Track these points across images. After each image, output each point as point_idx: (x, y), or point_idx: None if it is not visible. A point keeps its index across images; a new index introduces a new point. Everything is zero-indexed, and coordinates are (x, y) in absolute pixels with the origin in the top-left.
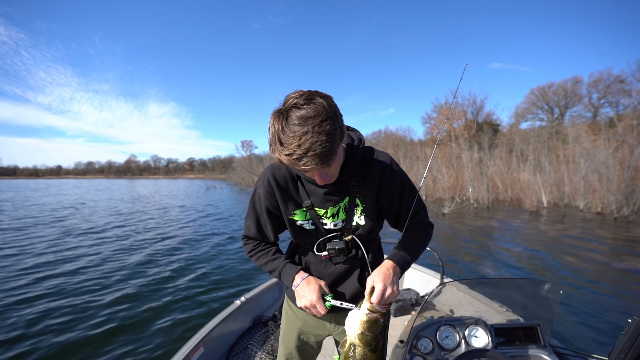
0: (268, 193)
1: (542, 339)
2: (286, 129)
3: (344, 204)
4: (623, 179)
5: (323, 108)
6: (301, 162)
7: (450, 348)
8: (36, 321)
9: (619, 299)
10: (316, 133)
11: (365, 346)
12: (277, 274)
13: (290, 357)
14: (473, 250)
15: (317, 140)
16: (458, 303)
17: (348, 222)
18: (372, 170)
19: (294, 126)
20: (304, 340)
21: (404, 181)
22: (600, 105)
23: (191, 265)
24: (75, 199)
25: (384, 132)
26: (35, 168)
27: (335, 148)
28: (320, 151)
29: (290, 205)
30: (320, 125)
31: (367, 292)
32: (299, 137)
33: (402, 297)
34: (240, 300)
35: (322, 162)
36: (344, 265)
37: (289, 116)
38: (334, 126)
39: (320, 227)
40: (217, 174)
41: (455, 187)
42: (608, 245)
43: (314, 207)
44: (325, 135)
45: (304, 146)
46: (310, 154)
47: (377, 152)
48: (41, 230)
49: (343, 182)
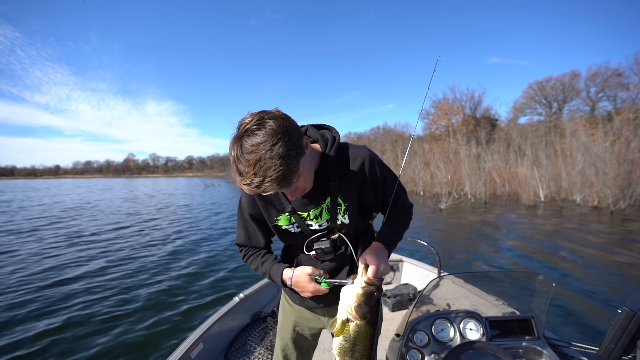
0: (250, 202)
1: (535, 331)
2: (241, 158)
3: (326, 204)
4: (619, 173)
5: (273, 130)
6: (261, 189)
7: (445, 341)
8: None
9: (612, 291)
10: (269, 159)
11: (361, 319)
12: (268, 275)
13: (286, 348)
14: (469, 245)
15: (272, 166)
16: (454, 297)
17: (333, 222)
18: (350, 169)
19: (247, 154)
20: (299, 332)
21: (384, 174)
22: (598, 99)
23: (190, 261)
24: (78, 199)
25: (383, 128)
26: (33, 168)
27: (293, 168)
28: (277, 175)
29: (273, 212)
30: (271, 150)
31: (361, 268)
32: (253, 165)
33: (400, 292)
34: (239, 296)
35: (281, 185)
36: (333, 263)
37: (242, 144)
38: (288, 146)
39: (306, 229)
40: (216, 171)
41: (453, 182)
42: (603, 238)
43: (296, 212)
44: (279, 159)
45: (259, 174)
46: (267, 181)
47: (352, 149)
48: (55, 231)
49: (322, 184)
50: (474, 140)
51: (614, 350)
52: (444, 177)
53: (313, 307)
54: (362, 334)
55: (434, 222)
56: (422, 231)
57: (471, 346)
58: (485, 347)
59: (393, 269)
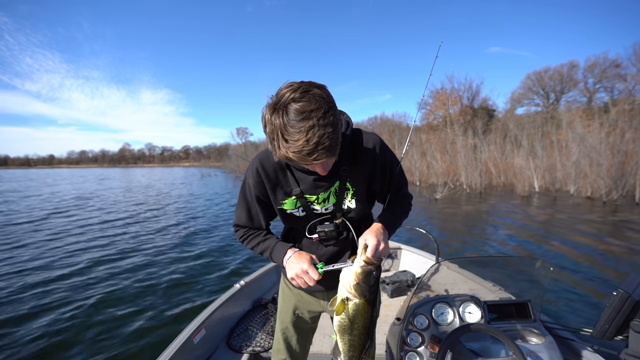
0: (257, 183)
1: (532, 314)
2: (288, 124)
3: (335, 188)
4: (613, 164)
5: (322, 99)
6: (311, 157)
7: (445, 324)
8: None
9: (603, 278)
10: (322, 126)
11: (360, 297)
12: (269, 252)
13: (286, 331)
14: (465, 234)
15: (325, 133)
16: (452, 282)
17: (338, 206)
18: (362, 154)
19: (298, 121)
20: (298, 315)
21: (392, 161)
22: (595, 90)
23: (192, 249)
24: (75, 190)
25: (380, 118)
26: (27, 158)
27: (339, 138)
28: (329, 144)
29: (280, 195)
30: (324, 117)
31: (361, 248)
32: (306, 132)
33: (399, 279)
34: (240, 283)
35: (331, 154)
36: (335, 247)
37: (288, 111)
38: (336, 116)
39: (311, 213)
40: (212, 161)
41: (449, 172)
42: (595, 227)
43: (304, 195)
44: (332, 127)
45: (312, 141)
46: (320, 148)
47: (365, 135)
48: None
49: (333, 167)
50: (470, 131)
51: (607, 331)
52: (440, 168)
53: (312, 290)
54: (361, 312)
55: (430, 211)
56: (418, 220)
57: (470, 328)
58: (484, 329)
59: (391, 257)
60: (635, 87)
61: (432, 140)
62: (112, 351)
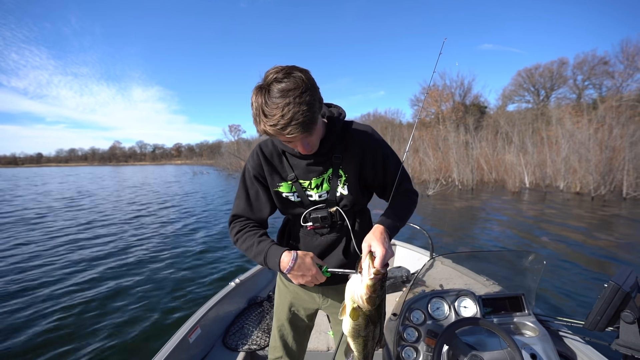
0: (257, 164)
1: (526, 307)
2: (269, 101)
3: (328, 175)
4: (601, 160)
5: (302, 80)
6: (285, 132)
7: (440, 318)
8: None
9: (591, 272)
10: (297, 103)
11: (372, 306)
12: (263, 257)
13: (282, 328)
14: (457, 230)
15: (299, 110)
16: (447, 277)
17: (332, 193)
18: (353, 140)
19: (276, 99)
20: (294, 312)
21: (386, 150)
22: (584, 87)
23: (185, 248)
24: (69, 189)
25: (373, 115)
26: (14, 156)
27: (316, 117)
28: (302, 120)
29: (276, 178)
30: (300, 96)
31: (367, 257)
32: (282, 108)
33: (394, 275)
34: (235, 282)
35: (304, 130)
36: (330, 237)
37: (270, 90)
38: (313, 97)
39: (305, 199)
40: (205, 159)
41: (441, 169)
42: (584, 222)
43: (298, 180)
44: (306, 105)
45: (287, 116)
46: (294, 123)
47: (357, 124)
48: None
49: (325, 153)
50: (462, 128)
51: (599, 322)
52: (432, 164)
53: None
54: (373, 317)
55: (422, 208)
56: (412, 216)
57: (466, 322)
58: (480, 323)
59: None
60: (623, 84)
61: (424, 137)
62: (106, 352)
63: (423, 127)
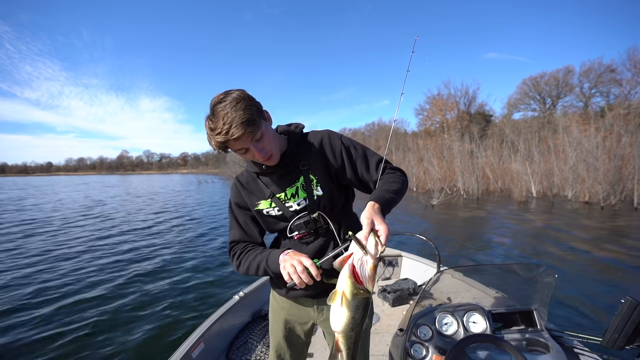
0: (236, 194)
1: (538, 322)
2: (213, 119)
3: (300, 183)
4: (610, 168)
5: (238, 95)
6: (230, 134)
7: (449, 334)
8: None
9: (605, 284)
10: (234, 110)
11: (372, 288)
12: (265, 261)
13: (279, 348)
14: (462, 241)
15: (237, 115)
16: (455, 290)
17: (310, 198)
18: (313, 145)
19: (218, 113)
20: (290, 329)
21: (345, 140)
22: (591, 94)
23: (189, 260)
24: (84, 199)
25: (377, 124)
26: (24, 165)
27: (255, 118)
28: (241, 120)
29: (254, 199)
30: (236, 106)
31: (371, 235)
32: (222, 117)
33: (400, 287)
34: (239, 295)
35: (246, 128)
36: (317, 244)
37: (214, 110)
38: (248, 104)
39: (286, 211)
40: (210, 168)
41: (446, 178)
42: (594, 233)
43: (274, 195)
44: (242, 110)
45: (227, 121)
46: (234, 124)
47: (315, 131)
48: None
49: (291, 163)
50: (467, 136)
51: (617, 340)
52: (437, 173)
53: (300, 296)
54: (366, 302)
55: (426, 218)
56: (415, 226)
57: (476, 339)
58: (490, 340)
59: (392, 264)
60: (631, 92)
61: (429, 146)
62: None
63: (428, 136)
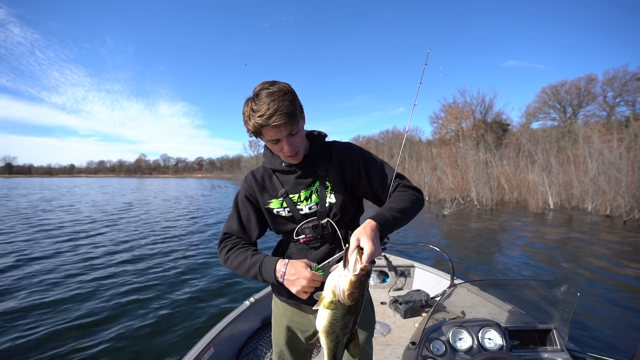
0: (249, 186)
1: (557, 342)
2: (257, 101)
3: (315, 187)
4: (633, 180)
5: (285, 87)
6: (271, 120)
7: (463, 350)
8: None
9: (633, 305)
10: (281, 99)
11: (352, 302)
12: (257, 267)
13: (282, 354)
14: (474, 253)
15: (282, 105)
16: (470, 304)
17: (322, 204)
18: (334, 154)
19: (264, 97)
20: (292, 336)
21: (365, 154)
22: (615, 104)
23: (200, 265)
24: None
25: (392, 132)
26: (49, 167)
27: (297, 113)
28: (286, 111)
29: (266, 196)
30: (283, 96)
31: (354, 250)
32: (268, 103)
33: (412, 299)
34: (249, 300)
35: (288, 120)
36: (323, 250)
37: (259, 95)
38: (294, 98)
39: (297, 213)
40: (225, 173)
41: (459, 187)
42: (616, 249)
43: (288, 195)
44: (288, 102)
45: (272, 107)
46: (278, 113)
47: (338, 142)
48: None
49: (311, 166)
50: (482, 145)
51: None
52: (450, 182)
53: (302, 302)
54: (353, 310)
55: (438, 228)
56: (426, 237)
57: (492, 357)
58: (506, 359)
59: (404, 275)
60: None
61: (442, 155)
62: None
63: (443, 145)
